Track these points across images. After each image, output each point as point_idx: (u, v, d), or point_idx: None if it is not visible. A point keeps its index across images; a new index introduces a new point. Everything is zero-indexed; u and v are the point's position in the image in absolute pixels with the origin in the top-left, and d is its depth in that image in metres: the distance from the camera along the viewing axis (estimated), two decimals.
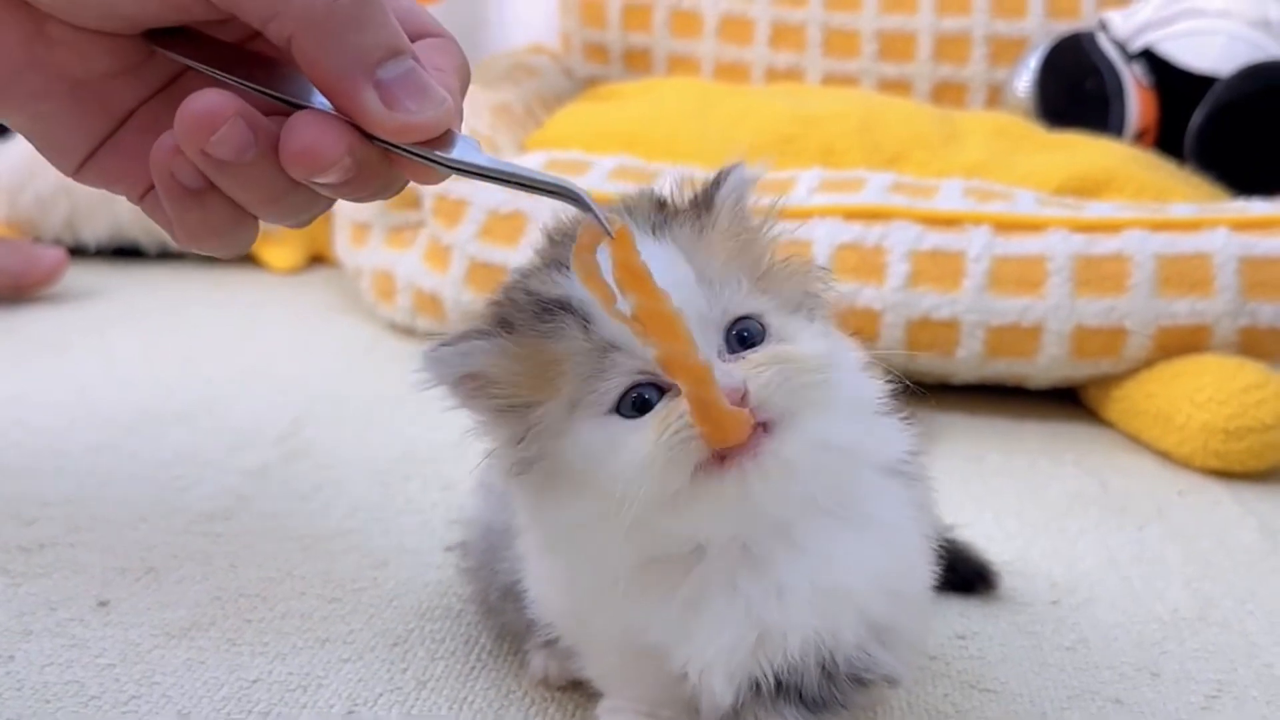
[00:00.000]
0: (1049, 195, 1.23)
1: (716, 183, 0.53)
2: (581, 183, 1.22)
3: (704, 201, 0.53)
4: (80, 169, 0.49)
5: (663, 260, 0.48)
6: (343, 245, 1.37)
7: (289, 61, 0.44)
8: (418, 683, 0.64)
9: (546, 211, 0.54)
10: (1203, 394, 1.03)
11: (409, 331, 1.30)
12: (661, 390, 0.48)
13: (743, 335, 0.50)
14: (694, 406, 0.46)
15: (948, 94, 1.67)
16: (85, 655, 0.65)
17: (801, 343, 0.50)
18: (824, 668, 0.53)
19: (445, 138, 0.44)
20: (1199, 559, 0.86)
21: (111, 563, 0.75)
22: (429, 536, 0.81)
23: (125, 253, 1.56)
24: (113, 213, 1.51)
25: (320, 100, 0.44)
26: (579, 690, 0.62)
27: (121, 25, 0.44)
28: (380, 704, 0.62)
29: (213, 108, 0.42)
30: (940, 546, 0.58)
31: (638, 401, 0.48)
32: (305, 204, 0.46)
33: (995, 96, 1.66)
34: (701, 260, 0.50)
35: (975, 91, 1.67)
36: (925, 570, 0.57)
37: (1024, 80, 1.59)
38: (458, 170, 0.45)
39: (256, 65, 0.45)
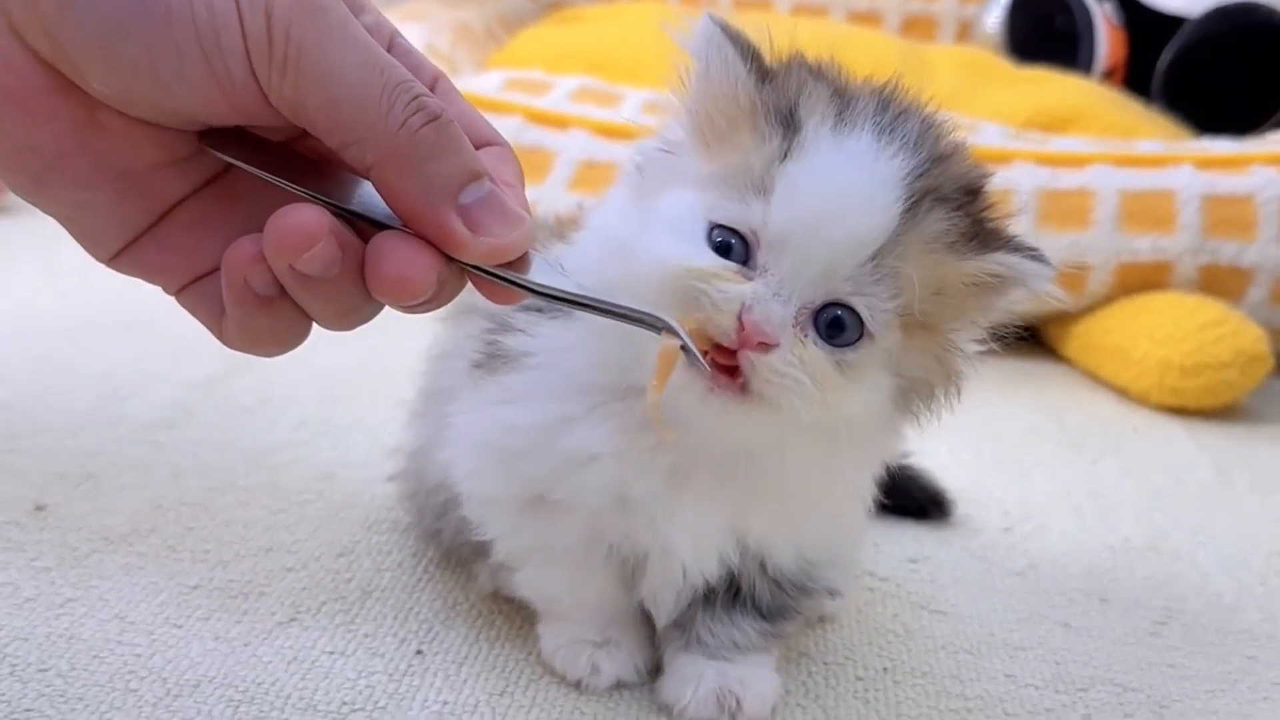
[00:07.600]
0: (1015, 129, 1.22)
1: (1015, 247, 0.49)
2: (542, 103, 1.21)
3: (982, 240, 0.49)
4: (115, 258, 0.47)
5: (873, 197, 0.46)
6: None
7: (337, 162, 0.43)
8: (362, 592, 0.63)
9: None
10: (1161, 330, 1.03)
11: None
12: (746, 250, 0.46)
13: (833, 320, 0.46)
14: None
15: (918, 28, 1.66)
16: (21, 558, 0.63)
17: (853, 389, 0.47)
18: (773, 577, 0.55)
19: (523, 257, 0.44)
20: (1152, 492, 0.87)
21: (50, 469, 0.73)
22: (378, 452, 0.79)
23: None
24: None
25: (380, 207, 0.43)
26: (525, 603, 0.61)
27: (178, 121, 0.43)
28: (324, 612, 0.61)
29: (307, 226, 0.41)
30: (894, 473, 0.58)
31: (724, 241, 0.47)
32: (369, 315, 0.45)
33: (965, 32, 1.65)
34: (904, 246, 0.46)
35: (945, 26, 1.66)
36: (860, 535, 0.61)
37: (994, 16, 1.58)
38: (539, 294, 0.44)
39: (302, 165, 0.44)
